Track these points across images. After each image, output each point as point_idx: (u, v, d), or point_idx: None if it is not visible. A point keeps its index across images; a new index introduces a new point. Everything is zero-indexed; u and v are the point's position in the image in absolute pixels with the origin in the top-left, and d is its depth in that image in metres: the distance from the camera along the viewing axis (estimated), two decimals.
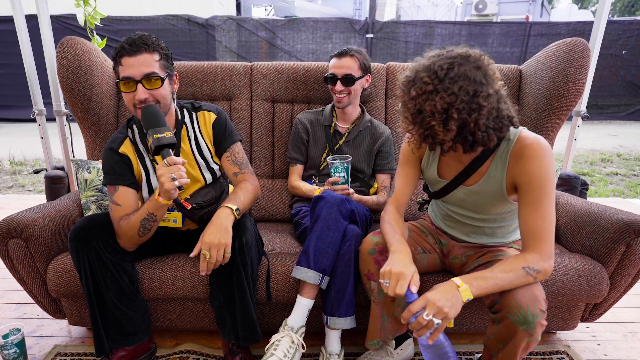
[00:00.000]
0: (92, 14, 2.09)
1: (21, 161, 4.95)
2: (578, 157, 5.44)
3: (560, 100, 1.71)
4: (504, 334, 1.06)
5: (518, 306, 1.01)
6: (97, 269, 1.26)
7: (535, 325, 1.01)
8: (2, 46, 7.71)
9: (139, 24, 7.94)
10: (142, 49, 1.19)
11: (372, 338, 1.32)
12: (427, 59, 1.06)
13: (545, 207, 1.04)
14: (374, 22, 8.35)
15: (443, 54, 1.05)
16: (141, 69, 1.19)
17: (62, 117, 2.06)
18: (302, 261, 1.34)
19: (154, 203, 1.21)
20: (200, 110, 1.42)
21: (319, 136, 1.80)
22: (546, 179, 1.03)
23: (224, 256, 1.22)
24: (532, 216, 1.05)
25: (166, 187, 1.12)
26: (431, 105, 0.98)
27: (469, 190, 1.20)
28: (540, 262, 1.03)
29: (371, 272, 1.28)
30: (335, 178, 1.53)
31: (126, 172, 1.32)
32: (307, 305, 1.35)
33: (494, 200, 1.17)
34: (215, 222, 1.24)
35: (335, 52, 1.70)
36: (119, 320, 1.33)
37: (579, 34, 7.80)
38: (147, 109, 1.18)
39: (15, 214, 1.39)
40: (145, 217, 1.23)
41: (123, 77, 1.19)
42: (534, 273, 1.02)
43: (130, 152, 1.34)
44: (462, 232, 1.33)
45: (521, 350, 1.06)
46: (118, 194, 1.29)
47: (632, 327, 1.72)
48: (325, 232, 1.34)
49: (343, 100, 1.68)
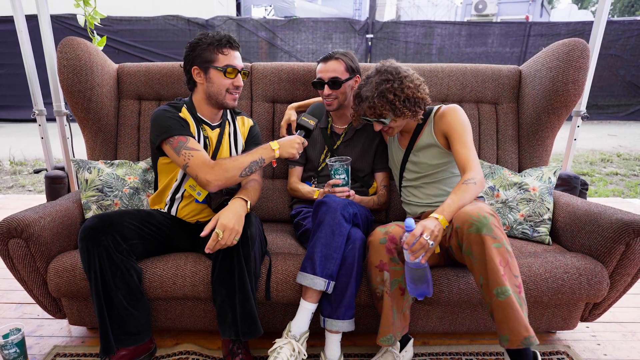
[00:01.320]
0: (92, 14, 2.09)
1: (21, 161, 4.95)
2: (578, 157, 5.44)
3: (559, 101, 1.72)
4: (478, 254, 1.17)
5: (469, 216, 1.20)
6: (108, 269, 1.27)
7: (492, 227, 1.17)
8: (2, 46, 7.71)
9: (139, 24, 7.95)
10: (239, 47, 1.47)
11: (385, 333, 1.31)
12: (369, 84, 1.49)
13: (467, 141, 1.43)
14: (373, 22, 8.34)
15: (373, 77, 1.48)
16: (241, 62, 1.47)
17: (62, 117, 2.06)
18: (307, 267, 1.34)
19: (268, 151, 1.39)
20: (240, 115, 1.66)
21: (316, 138, 1.81)
22: (462, 123, 1.45)
23: (233, 242, 1.29)
24: (460, 149, 1.42)
25: (295, 150, 1.41)
26: (408, 87, 1.44)
27: (415, 148, 1.59)
28: (472, 174, 1.35)
29: (384, 262, 1.31)
30: (335, 180, 1.53)
31: (189, 129, 1.45)
32: (310, 310, 1.35)
33: (432, 150, 1.55)
34: (231, 208, 1.33)
35: (321, 57, 1.72)
36: (124, 320, 1.34)
37: (579, 34, 7.81)
38: (318, 105, 1.67)
39: (15, 213, 1.39)
40: (256, 160, 1.38)
41: (230, 64, 1.42)
42: (471, 182, 1.32)
43: (189, 118, 1.48)
44: (424, 198, 1.60)
45: (499, 262, 1.14)
46: (192, 142, 1.39)
47: (631, 327, 1.73)
48: (330, 238, 1.34)
49: (332, 103, 1.69)
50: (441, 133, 1.51)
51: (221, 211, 1.32)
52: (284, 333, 1.35)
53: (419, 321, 1.53)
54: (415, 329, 1.54)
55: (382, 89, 1.41)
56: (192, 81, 1.48)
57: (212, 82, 1.43)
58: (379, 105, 1.42)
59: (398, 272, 1.31)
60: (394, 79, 1.43)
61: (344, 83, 1.65)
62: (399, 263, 1.31)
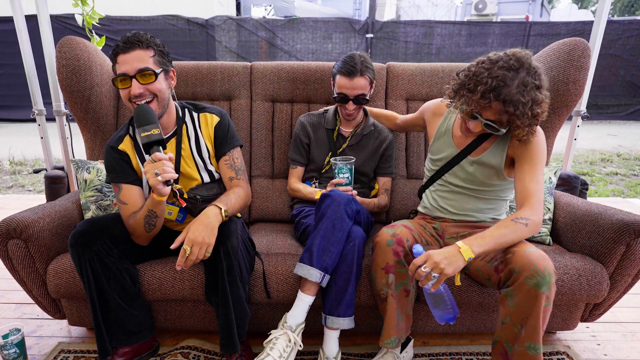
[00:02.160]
0: (90, 13, 2.08)
1: (21, 161, 4.95)
2: (578, 157, 5.44)
3: (560, 100, 1.71)
4: (523, 304, 1.10)
5: (535, 268, 1.08)
6: (100, 273, 1.26)
7: (551, 286, 1.08)
8: (2, 46, 7.70)
9: (138, 24, 7.94)
10: (135, 46, 1.21)
11: (389, 336, 1.31)
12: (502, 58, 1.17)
13: (539, 174, 1.23)
14: (373, 22, 8.34)
15: (512, 55, 1.17)
16: (134, 64, 1.21)
17: (62, 117, 2.06)
18: (305, 258, 1.34)
19: (150, 200, 1.22)
20: (204, 111, 1.43)
21: (322, 139, 1.79)
22: (540, 151, 1.24)
23: (205, 254, 1.20)
24: (527, 180, 1.22)
25: (151, 182, 1.14)
26: (539, 98, 1.15)
27: (474, 160, 1.38)
28: (529, 213, 1.17)
29: (390, 265, 1.29)
30: (339, 179, 1.53)
31: (126, 170, 1.34)
32: (307, 302, 1.35)
33: (492, 171, 1.35)
34: (202, 219, 1.21)
35: (342, 68, 1.58)
36: (123, 320, 1.33)
37: (579, 34, 7.80)
38: (138, 109, 1.19)
39: (15, 214, 1.39)
40: (147, 214, 1.25)
41: (119, 73, 1.22)
42: (523, 221, 1.15)
43: (129, 149, 1.36)
44: (456, 206, 1.46)
45: (542, 320, 1.10)
46: (123, 193, 1.32)
47: (632, 327, 1.72)
48: (330, 231, 1.34)
49: (354, 115, 1.67)
50: (511, 153, 1.30)
51: (191, 223, 1.21)
52: (280, 324, 1.34)
53: (419, 321, 1.53)
54: (415, 329, 1.54)
55: (537, 97, 1.14)
56: None
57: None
58: (524, 116, 1.14)
59: (403, 275, 1.29)
60: (540, 87, 1.16)
61: (369, 98, 1.64)
62: (405, 266, 1.29)
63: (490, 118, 1.19)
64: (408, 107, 1.97)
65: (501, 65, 1.14)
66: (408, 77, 1.95)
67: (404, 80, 1.95)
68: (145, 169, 1.15)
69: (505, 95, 1.12)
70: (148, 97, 1.24)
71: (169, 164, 1.15)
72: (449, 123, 1.47)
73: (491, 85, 1.13)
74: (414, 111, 1.96)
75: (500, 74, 1.13)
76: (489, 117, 1.19)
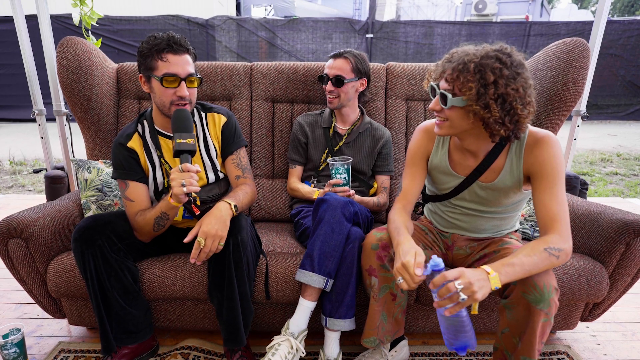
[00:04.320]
0: (89, 14, 2.08)
1: (21, 161, 4.95)
2: (578, 157, 5.44)
3: (560, 100, 1.71)
4: (521, 318, 1.08)
5: (534, 284, 1.04)
6: (102, 269, 1.26)
7: (550, 303, 1.04)
8: (2, 46, 7.70)
9: (138, 24, 7.94)
10: (185, 50, 1.27)
11: (368, 335, 1.31)
12: (475, 50, 1.07)
13: (559, 192, 1.10)
14: (373, 22, 8.34)
15: (488, 46, 1.08)
16: (186, 68, 1.26)
17: (62, 117, 2.06)
18: (306, 265, 1.33)
19: (166, 203, 1.24)
20: (211, 111, 1.46)
21: (319, 138, 1.80)
22: (558, 166, 1.11)
23: (217, 247, 1.23)
24: (548, 201, 1.10)
25: (175, 191, 1.16)
26: (514, 89, 1.03)
27: (487, 185, 1.24)
28: (560, 242, 1.06)
29: (373, 268, 1.29)
30: (336, 180, 1.53)
31: (134, 167, 1.36)
32: (309, 308, 1.35)
33: (509, 192, 1.23)
34: (214, 213, 1.25)
35: (333, 53, 1.72)
36: (122, 319, 1.34)
37: (579, 34, 7.80)
38: (180, 113, 1.23)
39: (15, 213, 1.39)
40: (159, 216, 1.28)
41: (168, 72, 1.23)
42: (556, 252, 1.05)
43: (138, 146, 1.37)
44: (471, 226, 1.36)
45: (539, 335, 1.08)
46: (129, 190, 1.33)
47: (631, 326, 1.73)
48: (330, 236, 1.34)
49: (333, 101, 1.71)
50: (527, 169, 1.17)
51: (204, 217, 1.24)
52: (282, 330, 1.35)
53: (419, 321, 1.53)
54: (415, 329, 1.54)
55: (488, 63, 1.02)
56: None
57: (154, 92, 1.29)
58: (469, 74, 1.03)
59: (388, 279, 1.28)
60: (509, 65, 1.03)
61: (347, 83, 1.65)
62: (389, 270, 1.27)
63: (445, 88, 1.08)
64: (408, 107, 1.97)
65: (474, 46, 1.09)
66: (408, 77, 1.95)
67: (403, 80, 1.95)
68: (172, 177, 1.17)
69: (460, 59, 1.05)
70: (188, 102, 1.29)
71: (196, 176, 1.17)
72: (443, 152, 1.30)
73: (452, 54, 1.09)
74: (413, 110, 1.97)
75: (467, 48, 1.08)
76: (444, 87, 1.09)
